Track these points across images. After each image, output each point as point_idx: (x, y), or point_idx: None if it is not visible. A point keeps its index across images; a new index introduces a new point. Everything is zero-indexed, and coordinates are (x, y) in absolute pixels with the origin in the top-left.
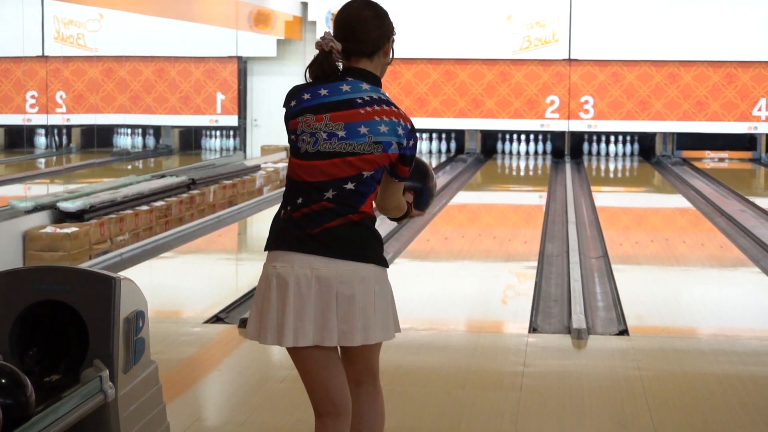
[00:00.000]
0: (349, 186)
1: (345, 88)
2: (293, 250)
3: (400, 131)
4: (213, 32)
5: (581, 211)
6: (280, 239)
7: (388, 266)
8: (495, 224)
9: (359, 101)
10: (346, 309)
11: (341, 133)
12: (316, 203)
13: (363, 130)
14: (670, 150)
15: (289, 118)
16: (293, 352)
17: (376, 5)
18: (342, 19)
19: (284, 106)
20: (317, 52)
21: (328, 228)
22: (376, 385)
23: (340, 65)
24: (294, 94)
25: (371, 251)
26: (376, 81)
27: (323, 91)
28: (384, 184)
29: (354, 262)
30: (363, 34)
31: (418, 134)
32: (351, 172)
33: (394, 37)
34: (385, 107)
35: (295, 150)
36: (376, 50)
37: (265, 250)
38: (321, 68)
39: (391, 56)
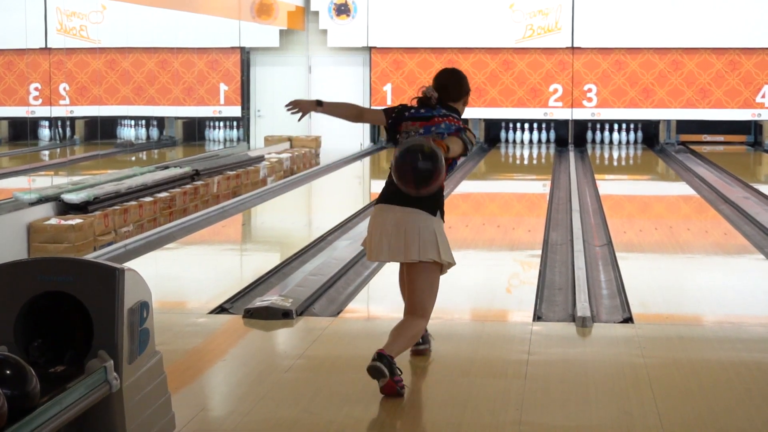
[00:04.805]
0: None
1: (434, 110)
2: (385, 202)
3: (453, 126)
4: (216, 23)
5: (585, 200)
6: (380, 196)
7: (437, 216)
8: (499, 213)
9: (437, 115)
10: (405, 239)
11: (420, 131)
12: None
13: (432, 128)
14: (674, 137)
15: (398, 121)
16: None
17: (459, 72)
18: (438, 79)
19: (393, 112)
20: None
21: None
22: (419, 316)
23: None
24: (404, 109)
25: (423, 203)
26: (453, 110)
27: (422, 110)
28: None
29: (410, 208)
30: (450, 91)
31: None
32: None
33: (469, 93)
34: (449, 117)
35: (397, 142)
36: (458, 99)
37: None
38: (422, 102)
39: (466, 102)
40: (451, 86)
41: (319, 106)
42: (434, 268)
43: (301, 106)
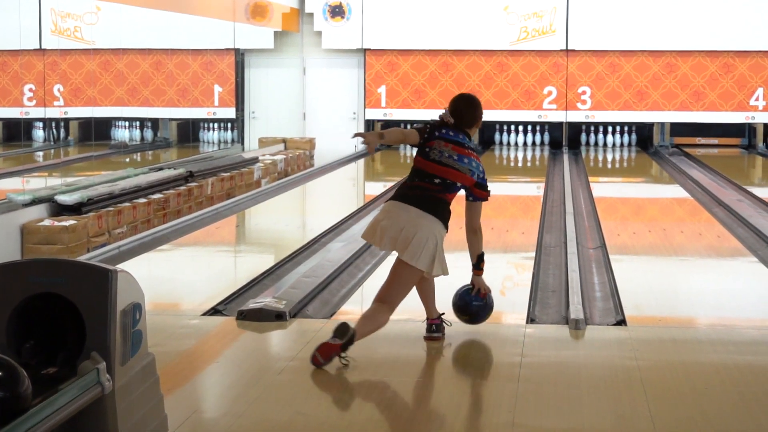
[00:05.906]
0: (449, 181)
1: (461, 136)
2: (400, 200)
3: (480, 168)
4: (210, 24)
5: (579, 202)
6: (396, 193)
7: (446, 228)
8: (493, 215)
9: (466, 144)
10: (407, 237)
11: (455, 156)
12: (426, 183)
13: (465, 159)
14: (668, 140)
15: (429, 139)
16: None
17: (473, 99)
18: (453, 106)
19: (426, 130)
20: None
21: (425, 194)
22: (388, 308)
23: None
24: (434, 129)
25: (439, 214)
26: (470, 137)
27: (451, 133)
28: (468, 208)
29: (427, 213)
30: (464, 117)
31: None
32: (449, 176)
33: (482, 118)
34: (474, 154)
35: (425, 154)
36: (471, 125)
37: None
38: (442, 124)
39: (479, 126)
40: (466, 113)
41: (381, 138)
42: (418, 272)
43: (369, 142)
